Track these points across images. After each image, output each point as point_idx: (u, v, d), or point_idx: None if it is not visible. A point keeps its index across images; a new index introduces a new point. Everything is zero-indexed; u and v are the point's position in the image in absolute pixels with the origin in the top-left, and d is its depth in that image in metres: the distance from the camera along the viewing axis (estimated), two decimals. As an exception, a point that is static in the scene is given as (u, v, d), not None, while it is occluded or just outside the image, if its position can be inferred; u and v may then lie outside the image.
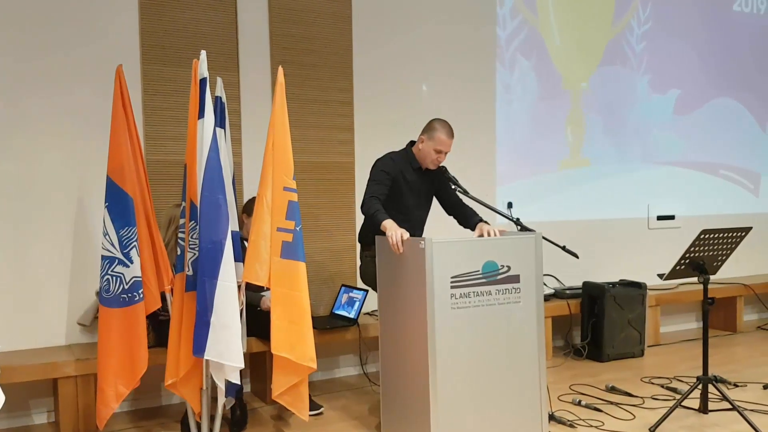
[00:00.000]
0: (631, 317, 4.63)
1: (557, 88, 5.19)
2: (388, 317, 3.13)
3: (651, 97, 5.54)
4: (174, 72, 3.84)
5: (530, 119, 5.11)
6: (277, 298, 2.96)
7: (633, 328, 4.64)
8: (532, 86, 5.10)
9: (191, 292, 2.90)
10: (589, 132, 5.33)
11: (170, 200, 3.81)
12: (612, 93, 5.38)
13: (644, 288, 4.69)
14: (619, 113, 5.43)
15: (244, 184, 4.04)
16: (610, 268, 5.15)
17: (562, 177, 5.24)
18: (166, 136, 3.84)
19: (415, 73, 4.64)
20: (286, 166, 2.98)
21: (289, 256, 2.95)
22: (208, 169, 2.83)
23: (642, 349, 4.69)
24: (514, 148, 5.04)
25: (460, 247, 2.89)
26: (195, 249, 2.90)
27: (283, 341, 2.93)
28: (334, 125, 4.33)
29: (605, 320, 4.56)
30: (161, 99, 3.83)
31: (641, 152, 5.52)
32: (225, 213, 2.85)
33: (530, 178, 5.11)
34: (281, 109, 2.98)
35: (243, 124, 4.05)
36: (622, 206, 5.41)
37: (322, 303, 4.28)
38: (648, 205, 5.52)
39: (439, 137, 3.21)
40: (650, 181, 5.52)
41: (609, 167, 5.39)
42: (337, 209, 4.37)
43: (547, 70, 5.13)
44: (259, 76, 4.10)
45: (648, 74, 5.51)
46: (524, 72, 5.06)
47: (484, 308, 2.89)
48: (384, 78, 4.52)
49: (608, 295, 4.56)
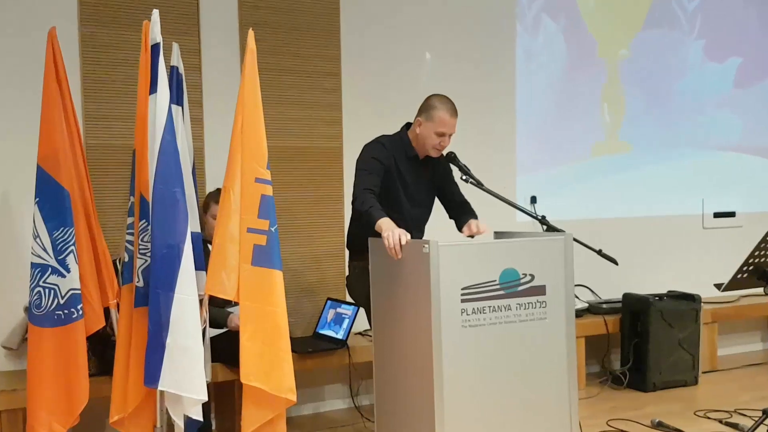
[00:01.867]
0: (682, 337, 4.64)
1: (591, 56, 5.19)
2: (384, 338, 3.12)
3: (705, 66, 5.55)
4: (120, 36, 3.82)
5: (558, 94, 5.10)
6: (248, 314, 2.95)
7: (684, 351, 4.65)
8: (561, 54, 5.09)
9: (142, 308, 2.89)
10: (629, 110, 5.33)
11: (116, 194, 3.79)
12: (658, 62, 5.39)
13: (698, 301, 4.70)
14: (667, 87, 5.44)
15: (207, 174, 4.03)
16: (656, 276, 5.16)
17: (597, 165, 5.24)
18: (111, 115, 3.82)
19: (418, 38, 4.63)
20: (259, 153, 2.97)
21: (263, 263, 2.94)
22: (162, 155, 2.81)
23: (695, 375, 4.70)
24: (538, 129, 5.04)
25: (473, 251, 2.88)
26: (146, 255, 2.89)
27: (255, 368, 2.92)
28: (318, 102, 4.32)
29: (650, 341, 4.56)
30: (104, 69, 3.81)
31: (693, 135, 5.53)
32: (183, 210, 2.84)
33: (558, 166, 5.11)
34: (252, 83, 2.97)
35: (205, 101, 4.04)
36: (671, 201, 5.42)
37: (303, 321, 4.27)
38: (702, 199, 5.54)
39: (439, 117, 3.21)
40: (705, 171, 5.54)
41: (654, 153, 5.40)
42: (322, 205, 4.36)
43: (579, 34, 5.13)
44: (224, 42, 4.09)
45: (702, 39, 5.52)
46: (551, 36, 5.06)
47: (502, 326, 2.89)
48: (380, 44, 4.51)
49: (654, 310, 4.57)
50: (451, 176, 3.44)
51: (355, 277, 3.43)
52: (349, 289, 3.57)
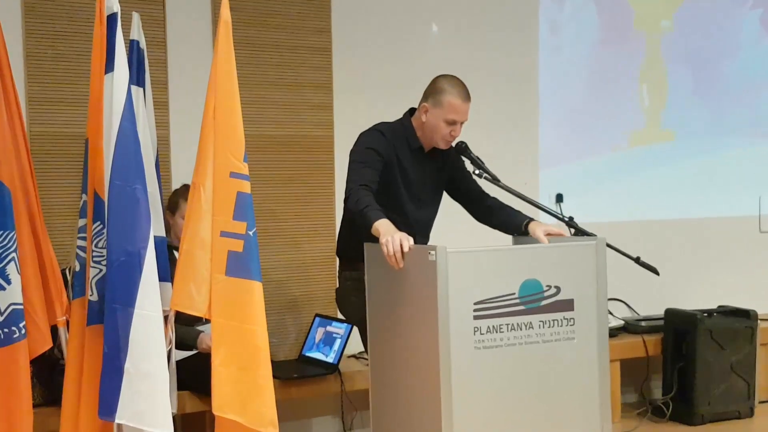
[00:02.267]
0: (735, 360, 4.64)
1: (627, 28, 5.19)
2: (382, 362, 3.11)
3: (763, 41, 5.56)
4: (70, 5, 3.81)
5: (588, 74, 5.10)
6: (222, 334, 2.94)
7: (738, 377, 4.66)
8: (591, 26, 5.10)
9: (96, 326, 2.88)
10: (673, 92, 5.34)
11: (65, 191, 3.79)
12: (706, 36, 5.40)
13: (754, 318, 4.71)
14: (717, 65, 5.45)
15: (173, 168, 4.03)
16: (704, 289, 5.17)
17: (635, 157, 5.25)
18: (59, 98, 3.83)
19: (423, 7, 4.63)
20: (234, 143, 2.96)
21: (239, 274, 2.92)
22: (119, 146, 2.81)
23: (751, 406, 4.71)
24: (565, 115, 5.04)
25: (488, 259, 2.88)
26: (101, 263, 2.88)
27: (229, 397, 2.90)
28: (305, 83, 4.33)
29: (698, 365, 4.57)
30: (51, 44, 3.81)
31: (748, 121, 5.55)
32: (145, 211, 2.84)
33: (588, 158, 5.12)
34: (227, 60, 2.96)
35: (171, 82, 4.05)
36: (722, 199, 5.43)
37: (286, 341, 4.28)
38: (760, 197, 5.55)
39: (449, 102, 3.21)
40: (762, 163, 5.55)
41: (702, 142, 5.41)
42: (310, 205, 4.37)
43: (613, 2, 5.13)
44: (194, 11, 4.09)
45: (759, 7, 5.53)
46: (580, 5, 5.06)
47: (523, 348, 2.88)
48: (377, 14, 4.51)
49: (702, 329, 4.58)
50: (464, 166, 3.43)
51: (347, 290, 3.43)
52: (340, 304, 3.56)
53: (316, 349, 4.05)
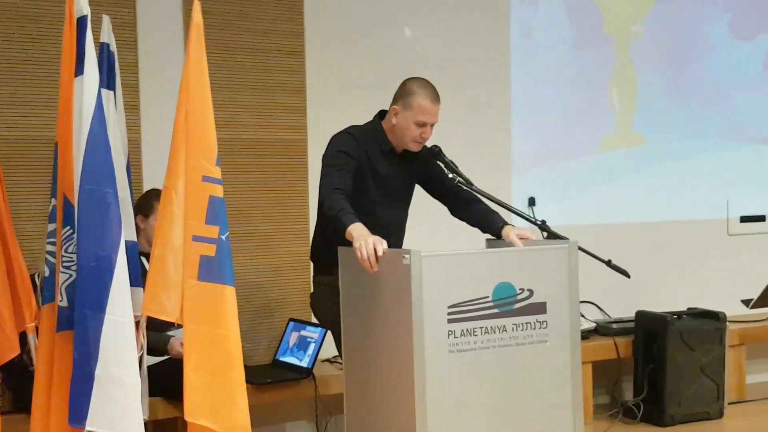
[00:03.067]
0: (704, 362, 4.67)
1: (598, 32, 5.22)
2: (356, 366, 3.10)
3: (733, 45, 5.61)
4: (38, 6, 3.78)
5: (560, 78, 5.13)
6: (194, 339, 2.93)
7: (708, 378, 4.69)
8: (563, 30, 5.12)
9: (66, 332, 2.86)
10: (643, 96, 5.37)
11: (34, 195, 3.75)
12: (676, 40, 5.44)
13: (723, 320, 4.74)
14: (687, 69, 5.49)
15: (144, 172, 4.01)
16: (674, 291, 5.21)
17: (606, 161, 5.28)
18: (28, 101, 3.80)
19: (396, 11, 4.64)
20: (207, 146, 2.95)
21: (212, 278, 2.92)
22: (90, 150, 2.79)
23: (721, 407, 4.74)
24: (538, 119, 5.06)
25: (462, 262, 2.88)
26: (71, 268, 2.86)
27: (201, 403, 2.89)
28: (277, 85, 4.32)
29: (668, 366, 4.59)
30: (21, 47, 3.78)
31: (718, 125, 5.59)
32: (116, 215, 2.82)
33: (560, 162, 5.14)
34: (198, 63, 2.95)
35: (142, 84, 4.03)
36: (691, 203, 5.47)
37: (259, 346, 4.26)
38: (727, 201, 5.59)
39: (418, 104, 3.22)
40: (731, 167, 5.60)
41: (672, 146, 5.45)
42: (283, 209, 4.35)
43: (585, 6, 5.16)
44: (165, 14, 4.07)
45: (728, 12, 5.58)
46: (552, 9, 5.08)
47: (496, 351, 2.89)
48: (350, 18, 4.51)
49: (672, 331, 4.60)
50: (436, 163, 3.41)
51: (322, 294, 3.42)
52: (314, 308, 3.56)
53: (290, 354, 4.04)
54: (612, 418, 4.75)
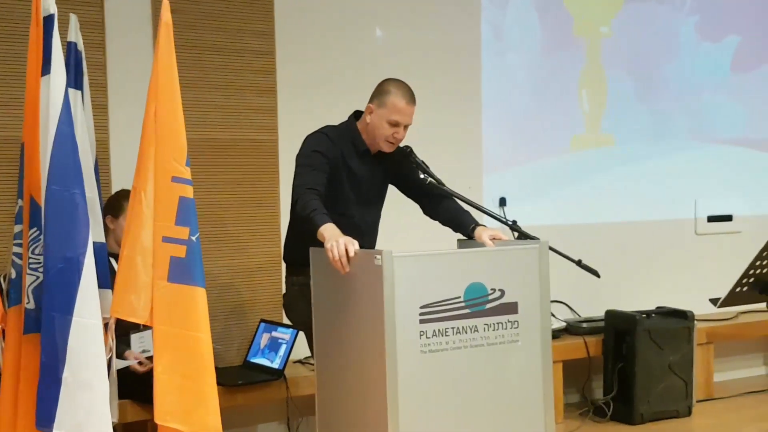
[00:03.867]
0: (673, 360, 4.72)
1: (567, 33, 5.25)
2: (328, 367, 3.10)
3: (699, 46, 5.67)
4: (5, 5, 3.75)
5: (530, 78, 5.15)
6: (164, 341, 2.91)
7: (676, 376, 4.73)
8: (533, 31, 5.14)
9: (32, 335, 2.83)
10: (612, 97, 5.41)
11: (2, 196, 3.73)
12: (644, 41, 5.49)
13: (691, 319, 4.79)
14: (654, 70, 5.54)
15: (113, 172, 3.98)
16: (643, 290, 5.25)
17: (575, 161, 5.31)
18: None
19: (367, 11, 4.64)
20: (176, 147, 2.93)
21: (182, 280, 2.90)
22: (57, 150, 2.76)
23: (689, 405, 4.79)
24: (508, 120, 5.07)
25: (434, 263, 2.89)
26: (38, 270, 2.84)
27: (172, 405, 2.88)
28: (247, 86, 4.30)
29: (637, 365, 4.63)
30: (-15, 45, 3.75)
31: (686, 125, 5.65)
32: (84, 216, 2.79)
33: (530, 162, 5.16)
34: (168, 62, 2.93)
35: (110, 84, 4.00)
36: (659, 203, 5.52)
37: (231, 347, 4.24)
38: (695, 201, 5.65)
39: (393, 103, 3.23)
40: (699, 167, 5.65)
41: (640, 147, 5.49)
42: (254, 210, 4.34)
43: (554, 7, 5.19)
44: (133, 12, 4.04)
45: (695, 14, 5.64)
46: (522, 12, 5.10)
47: (468, 351, 2.90)
48: (321, 17, 4.50)
49: (641, 330, 4.64)
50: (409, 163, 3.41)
51: (294, 295, 3.42)
52: (287, 309, 3.55)
53: (261, 355, 4.02)
54: (582, 417, 4.78)
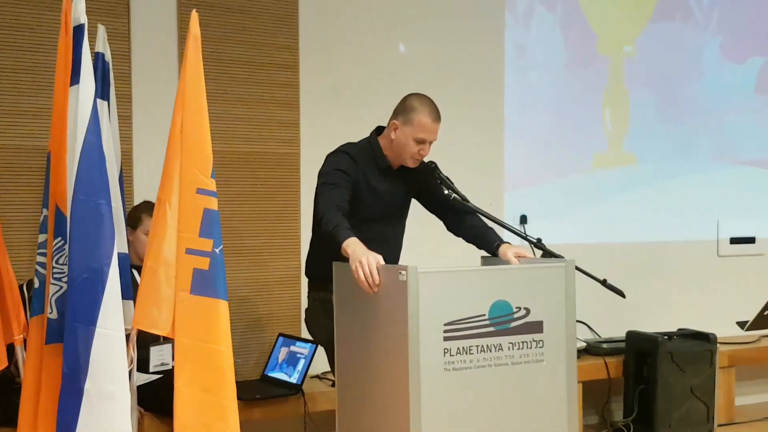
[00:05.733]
0: (695, 384, 4.67)
1: (591, 52, 5.24)
2: (349, 383, 3.09)
3: (724, 67, 5.65)
4: (34, 15, 3.77)
5: (553, 96, 5.14)
6: (185, 354, 2.91)
7: (698, 399, 4.68)
8: (557, 49, 5.14)
9: (55, 345, 2.84)
10: (635, 116, 5.40)
11: (25, 206, 3.73)
12: (668, 61, 5.47)
13: (713, 341, 4.74)
14: (678, 90, 5.52)
15: (135, 183, 3.99)
16: (664, 312, 5.21)
17: (597, 180, 5.29)
18: (21, 110, 3.78)
19: (391, 27, 4.64)
20: (202, 159, 2.94)
21: (205, 292, 2.91)
22: (84, 160, 2.77)
23: (710, 429, 4.73)
24: (530, 137, 5.06)
25: (459, 279, 2.87)
26: (62, 280, 2.84)
27: (192, 419, 2.88)
28: (271, 99, 4.32)
29: (659, 387, 4.59)
30: (15, 55, 3.77)
31: (709, 146, 5.62)
32: (109, 227, 2.80)
33: (551, 180, 5.14)
34: (196, 75, 2.95)
35: (135, 95, 4.02)
36: (681, 224, 5.49)
37: (249, 361, 4.24)
38: (718, 221, 5.61)
39: (420, 120, 3.21)
40: (722, 188, 5.62)
41: (663, 167, 5.47)
42: (274, 223, 4.34)
43: (578, 26, 5.19)
44: (159, 24, 4.07)
45: (719, 35, 5.63)
46: (546, 29, 5.10)
47: (492, 370, 2.88)
48: (345, 32, 4.52)
49: (663, 352, 4.60)
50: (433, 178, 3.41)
51: (316, 310, 3.40)
52: (308, 325, 3.53)
53: (279, 370, 4.00)
54: (602, 439, 4.74)
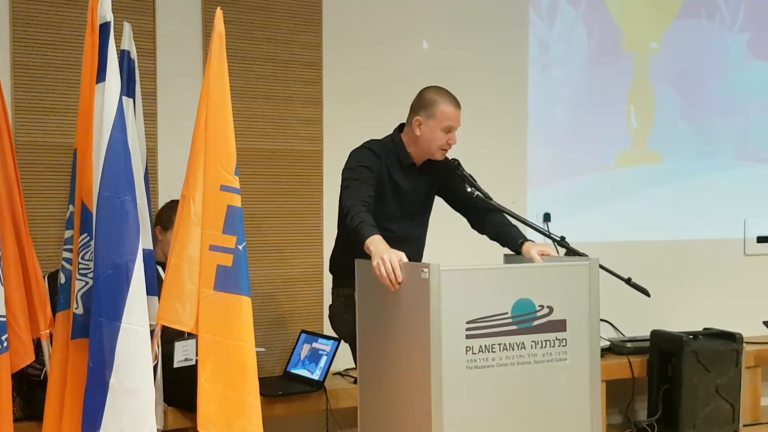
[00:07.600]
0: (720, 383, 4.64)
1: (616, 49, 5.22)
2: (371, 380, 3.09)
3: (750, 64, 5.61)
4: (60, 12, 3.80)
5: (577, 93, 5.12)
6: (209, 349, 2.92)
7: (723, 399, 4.66)
8: (581, 46, 5.12)
9: (80, 340, 2.85)
10: (660, 113, 5.36)
11: (51, 202, 3.76)
12: (694, 58, 5.44)
13: (739, 341, 4.71)
14: (704, 87, 5.48)
15: (160, 180, 4.01)
16: (689, 311, 5.18)
17: (621, 178, 5.26)
18: (47, 107, 3.81)
19: (414, 24, 4.65)
20: (226, 156, 2.96)
21: (228, 289, 2.92)
22: (109, 157, 2.79)
23: (735, 429, 4.71)
24: (553, 135, 5.05)
25: (481, 277, 2.87)
26: (87, 276, 2.86)
27: (215, 415, 2.89)
28: (294, 96, 4.33)
29: (683, 387, 4.57)
30: (40, 52, 3.79)
31: (735, 143, 5.58)
32: (134, 223, 2.82)
33: (575, 178, 5.12)
34: (220, 72, 2.96)
35: (160, 92, 4.04)
36: (707, 222, 5.45)
37: (271, 357, 4.25)
38: (744, 221, 5.57)
39: (443, 111, 3.23)
40: (748, 186, 5.58)
41: (688, 164, 5.44)
42: (297, 220, 4.35)
43: (603, 23, 5.16)
44: (185, 22, 4.09)
45: (746, 32, 5.58)
46: (570, 26, 5.08)
47: (515, 368, 2.87)
48: (368, 30, 4.52)
49: (688, 351, 4.58)
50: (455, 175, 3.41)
51: (340, 307, 3.42)
52: (332, 321, 3.54)
53: (302, 366, 4.01)
54: (625, 439, 4.72)
